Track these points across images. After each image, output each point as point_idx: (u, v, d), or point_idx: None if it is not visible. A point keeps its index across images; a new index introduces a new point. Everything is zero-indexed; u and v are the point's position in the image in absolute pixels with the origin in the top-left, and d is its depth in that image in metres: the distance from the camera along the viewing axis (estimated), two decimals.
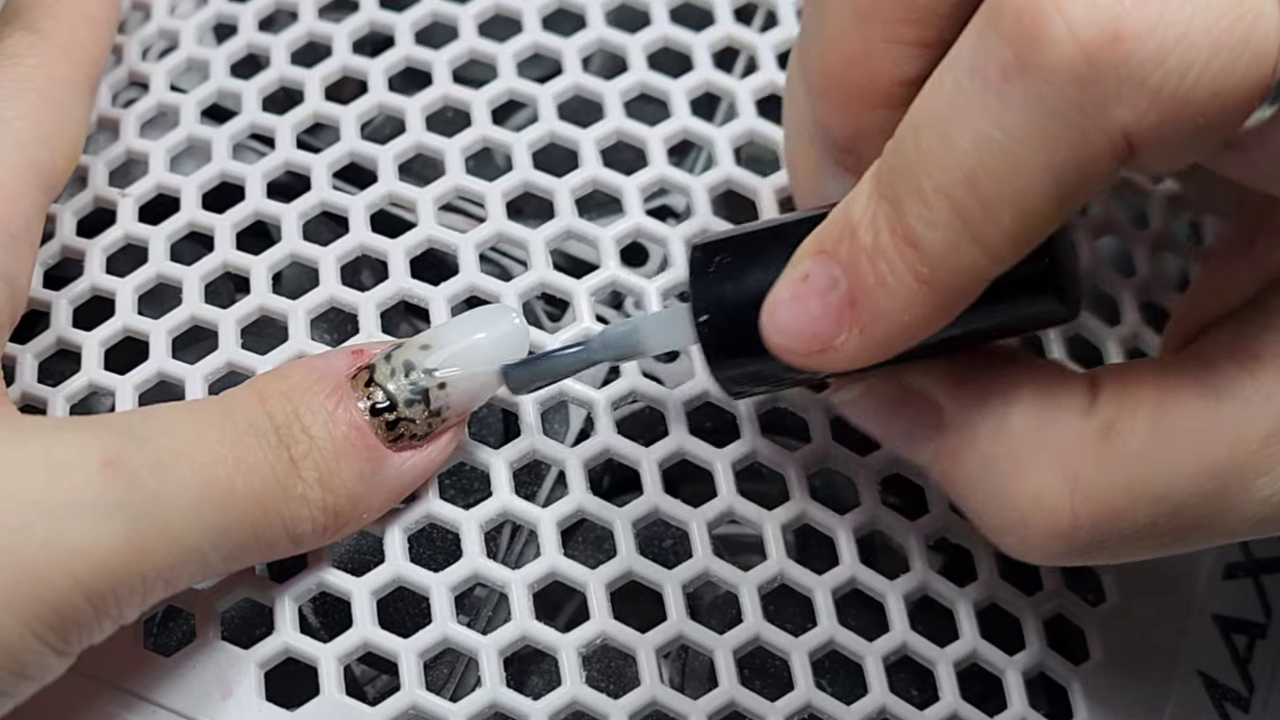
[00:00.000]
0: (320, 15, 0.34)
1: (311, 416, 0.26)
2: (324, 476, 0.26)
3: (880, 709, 0.27)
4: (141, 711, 0.27)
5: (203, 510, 0.24)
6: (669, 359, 0.31)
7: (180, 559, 0.24)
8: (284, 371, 0.26)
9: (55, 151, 0.29)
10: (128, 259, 0.31)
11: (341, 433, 0.26)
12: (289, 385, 0.26)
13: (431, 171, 0.32)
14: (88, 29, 0.31)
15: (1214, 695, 0.30)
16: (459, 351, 0.27)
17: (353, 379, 0.26)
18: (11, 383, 0.30)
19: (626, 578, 0.28)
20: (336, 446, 0.26)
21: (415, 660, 0.27)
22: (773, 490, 0.29)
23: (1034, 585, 0.29)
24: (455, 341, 0.27)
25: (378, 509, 0.27)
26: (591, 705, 0.27)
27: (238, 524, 0.25)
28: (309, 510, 0.25)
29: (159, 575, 0.24)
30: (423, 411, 0.26)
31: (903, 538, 0.29)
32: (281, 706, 0.27)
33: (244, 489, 0.25)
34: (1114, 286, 0.32)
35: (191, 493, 0.24)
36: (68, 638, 0.23)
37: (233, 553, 0.25)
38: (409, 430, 0.26)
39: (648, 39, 0.33)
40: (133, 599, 0.24)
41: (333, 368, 0.26)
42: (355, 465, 0.26)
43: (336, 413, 0.26)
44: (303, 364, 0.27)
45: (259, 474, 0.25)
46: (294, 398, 0.26)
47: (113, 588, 0.23)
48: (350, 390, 0.26)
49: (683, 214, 0.33)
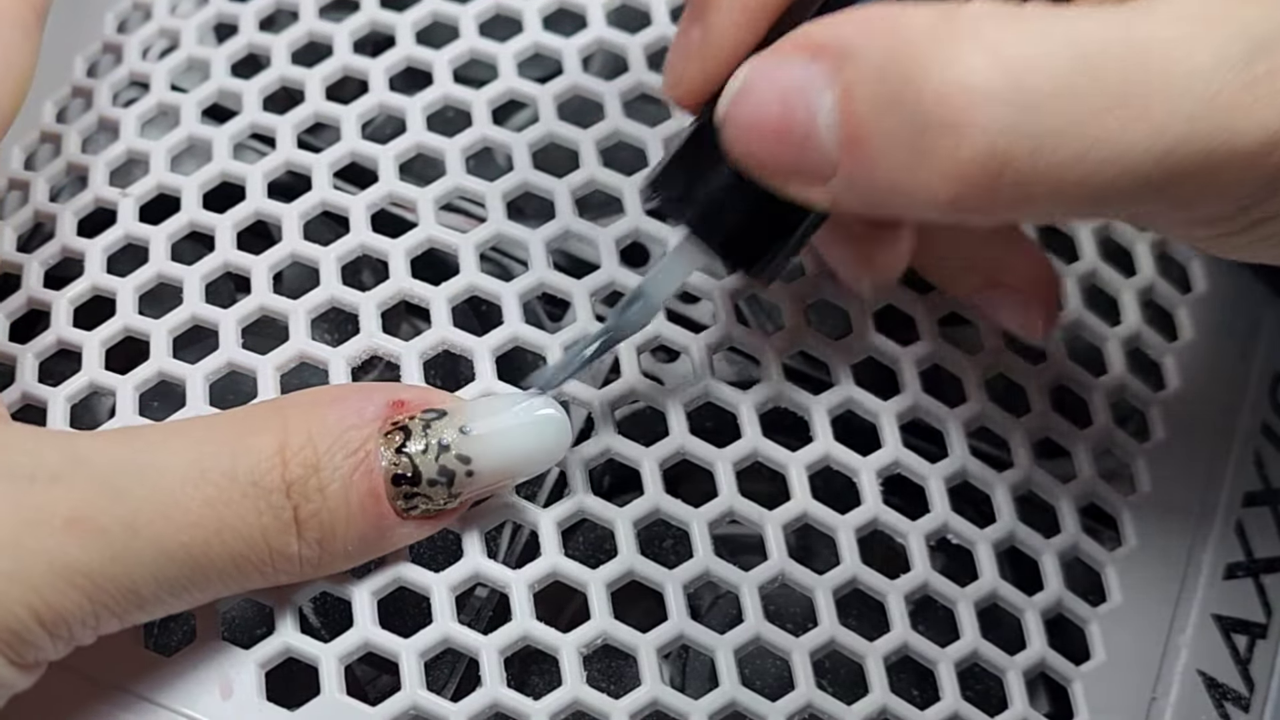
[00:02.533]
0: (321, 15, 0.34)
1: (330, 474, 0.25)
2: (326, 539, 0.25)
3: (880, 709, 0.27)
4: (142, 711, 0.27)
5: (167, 571, 0.24)
6: (669, 359, 0.31)
7: (138, 605, 0.24)
8: (319, 404, 0.25)
9: (1, 91, 0.28)
10: (128, 259, 0.31)
11: (357, 499, 0.25)
12: (321, 428, 0.25)
13: (432, 171, 0.32)
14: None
15: (1214, 695, 0.30)
16: (499, 445, 0.26)
17: (385, 435, 0.25)
18: (12, 383, 0.30)
19: (626, 578, 0.28)
20: (349, 511, 0.25)
21: (416, 660, 0.27)
22: (773, 490, 0.29)
23: (1034, 585, 0.29)
24: (497, 433, 0.26)
25: (360, 562, 0.27)
26: (592, 705, 0.27)
27: (205, 579, 0.25)
28: (297, 566, 0.25)
29: (113, 614, 0.24)
30: (443, 492, 0.26)
31: (903, 538, 0.29)
32: (282, 706, 0.27)
33: (220, 551, 0.24)
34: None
35: (157, 553, 0.24)
36: (25, 657, 0.24)
37: (197, 599, 0.25)
38: (424, 505, 0.26)
39: (648, 39, 0.33)
40: (87, 632, 0.24)
41: (366, 416, 0.25)
42: (360, 530, 0.25)
43: (355, 476, 0.25)
44: (341, 401, 0.26)
45: (244, 537, 0.24)
46: (319, 446, 0.25)
47: (66, 623, 0.24)
48: (378, 448, 0.25)
49: None
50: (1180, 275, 0.34)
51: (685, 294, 0.31)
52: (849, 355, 0.30)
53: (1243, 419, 0.33)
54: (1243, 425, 0.33)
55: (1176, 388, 0.32)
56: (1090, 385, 0.31)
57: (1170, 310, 0.33)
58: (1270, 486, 0.32)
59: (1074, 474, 0.31)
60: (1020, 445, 0.30)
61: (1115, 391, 0.32)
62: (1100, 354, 0.32)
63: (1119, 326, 0.32)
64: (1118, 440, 0.31)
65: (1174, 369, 0.33)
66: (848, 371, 0.30)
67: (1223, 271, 0.34)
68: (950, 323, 0.31)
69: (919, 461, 0.30)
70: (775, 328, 0.30)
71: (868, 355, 0.31)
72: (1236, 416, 0.33)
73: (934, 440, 0.30)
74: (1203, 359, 0.33)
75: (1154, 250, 0.33)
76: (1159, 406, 0.32)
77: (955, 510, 0.29)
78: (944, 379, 0.31)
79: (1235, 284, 0.34)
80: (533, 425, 0.26)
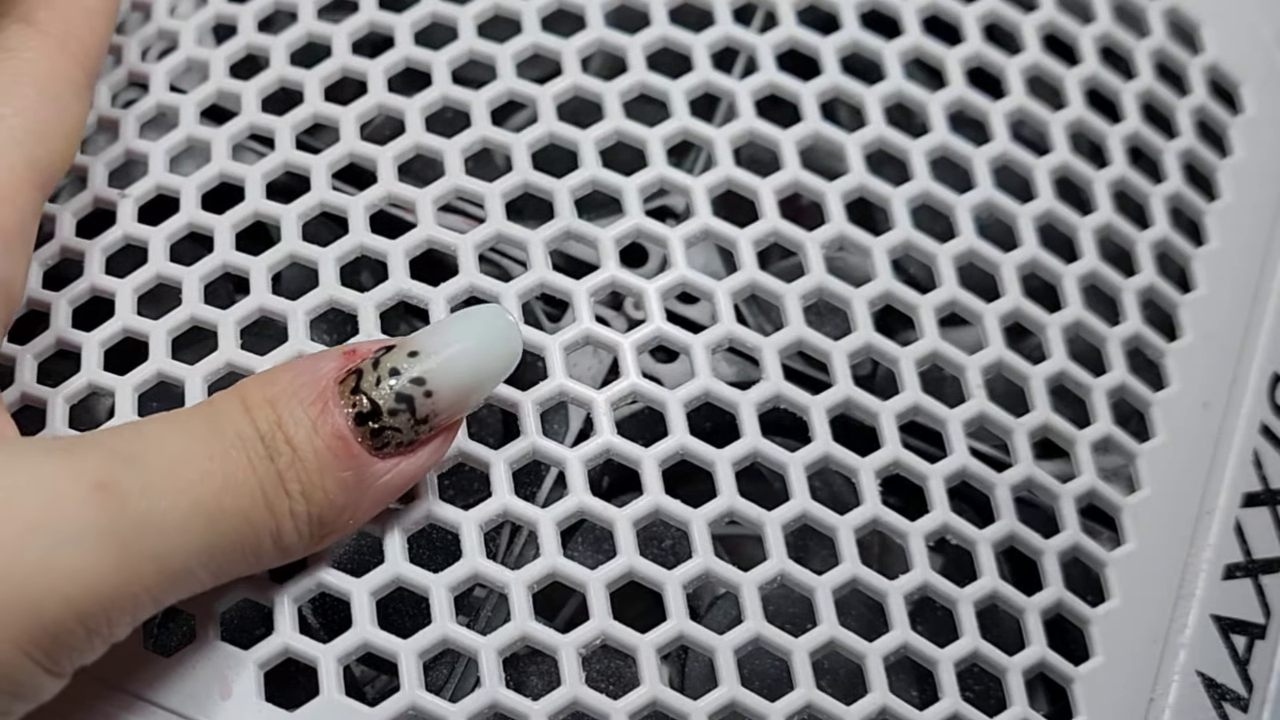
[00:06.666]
0: (320, 16, 0.34)
1: (294, 427, 0.25)
2: (307, 489, 0.25)
3: (880, 709, 0.27)
4: (141, 712, 0.27)
5: (191, 530, 0.24)
6: (669, 359, 0.31)
7: (170, 580, 0.24)
8: (271, 376, 0.26)
9: (52, 149, 0.28)
10: (127, 259, 0.31)
11: (324, 443, 0.25)
12: (274, 391, 0.26)
13: (431, 172, 0.32)
14: (84, 20, 0.30)
15: (1213, 695, 0.30)
16: (447, 358, 0.26)
17: (340, 383, 0.26)
18: (11, 383, 0.30)
19: (626, 578, 0.28)
20: (319, 458, 0.25)
21: (415, 660, 0.27)
22: (773, 490, 0.29)
23: (1034, 585, 0.29)
24: (443, 347, 0.26)
25: (365, 514, 0.26)
26: (591, 705, 0.27)
27: (226, 541, 0.25)
28: (294, 523, 0.25)
29: (149, 595, 0.24)
30: (408, 420, 0.26)
31: (902, 538, 0.29)
32: (281, 707, 0.27)
33: (232, 506, 0.24)
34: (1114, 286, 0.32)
35: (180, 513, 0.24)
36: (59, 659, 0.24)
37: (221, 568, 0.25)
38: (395, 439, 0.26)
39: (647, 39, 0.33)
40: (123, 619, 0.24)
41: (320, 371, 0.26)
42: (338, 476, 0.25)
43: (319, 422, 0.25)
44: (290, 366, 0.26)
45: (247, 490, 0.25)
46: (278, 405, 0.25)
47: (104, 610, 0.23)
48: (336, 396, 0.26)
49: (683, 214, 0.33)
50: (1180, 275, 0.34)
51: (685, 294, 0.31)
52: (849, 355, 0.30)
53: (1242, 419, 0.33)
54: (1242, 425, 0.33)
55: (1176, 388, 0.32)
56: (1090, 385, 0.31)
57: (1170, 310, 0.33)
58: (1270, 487, 0.32)
59: (1074, 474, 0.31)
60: (1020, 445, 0.30)
61: (1115, 391, 0.32)
62: (1100, 354, 0.32)
63: (1119, 326, 0.32)
64: (1118, 440, 0.31)
65: (1174, 368, 0.33)
66: (848, 371, 0.30)
67: (1223, 271, 0.34)
68: (950, 323, 0.31)
69: (918, 462, 0.30)
70: (775, 328, 0.30)
71: (868, 355, 0.31)
72: (1236, 417, 0.33)
73: (934, 440, 0.30)
74: (1202, 359, 0.33)
75: (1154, 250, 0.33)
76: (1159, 406, 0.32)
77: (955, 510, 0.29)
78: (944, 379, 0.31)
79: (1235, 284, 0.34)
80: (481, 333, 0.26)
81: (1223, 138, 0.36)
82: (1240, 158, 0.36)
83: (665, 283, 0.30)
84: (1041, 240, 0.33)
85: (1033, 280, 0.32)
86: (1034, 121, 0.34)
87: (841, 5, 0.34)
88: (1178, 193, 0.34)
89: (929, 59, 0.34)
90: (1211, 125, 0.36)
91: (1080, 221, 0.33)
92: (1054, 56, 0.35)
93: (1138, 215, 0.34)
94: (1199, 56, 0.36)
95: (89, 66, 0.30)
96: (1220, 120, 0.36)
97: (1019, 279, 0.32)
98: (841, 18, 0.34)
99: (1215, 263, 0.34)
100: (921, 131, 0.33)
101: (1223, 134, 0.36)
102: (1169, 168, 0.35)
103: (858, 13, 0.34)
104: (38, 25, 0.30)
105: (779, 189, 0.32)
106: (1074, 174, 0.34)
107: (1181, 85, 0.36)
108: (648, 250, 0.33)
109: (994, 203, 0.33)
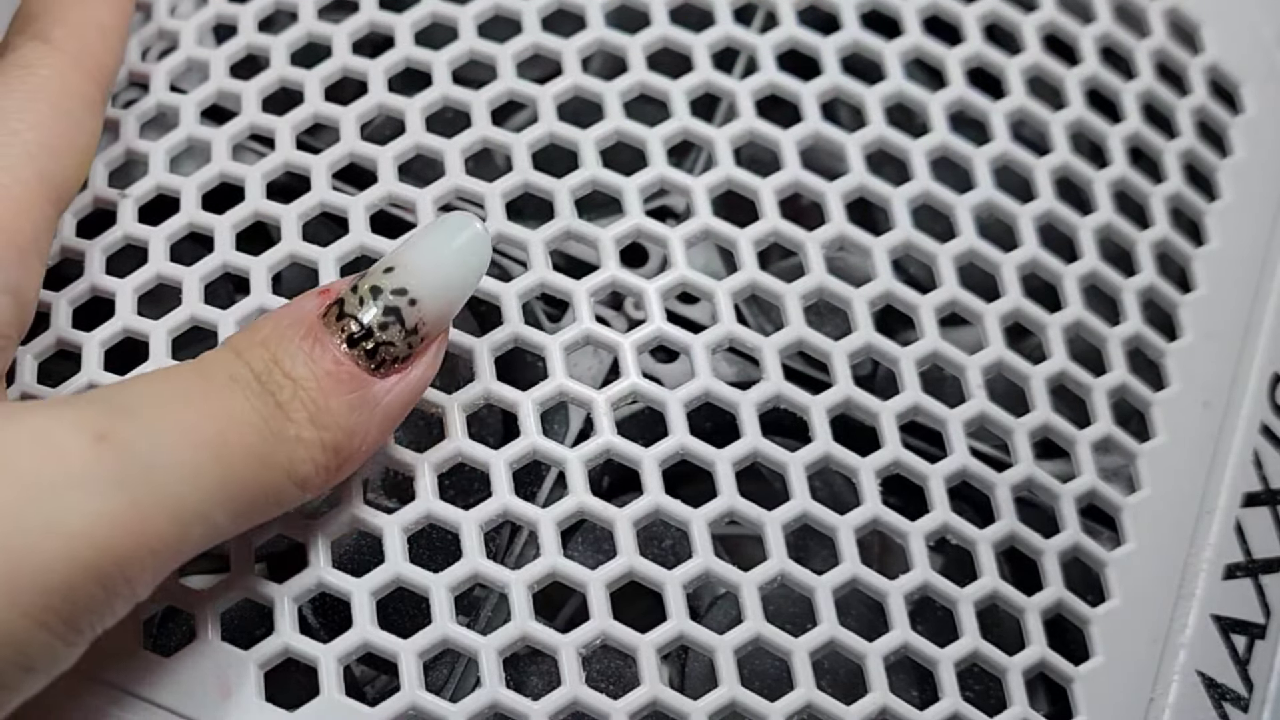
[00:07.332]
0: (320, 16, 0.34)
1: (290, 361, 0.25)
2: (314, 415, 0.25)
3: (880, 709, 0.28)
4: (141, 711, 0.27)
5: (201, 471, 0.24)
6: (669, 359, 0.31)
7: (186, 525, 0.24)
8: (256, 325, 0.26)
9: (65, 164, 0.29)
10: (127, 259, 0.31)
11: (324, 369, 0.26)
12: (262, 336, 0.26)
13: (431, 172, 0.32)
14: (99, 37, 0.31)
15: (1213, 695, 0.30)
16: (424, 266, 0.26)
17: (324, 317, 0.26)
18: (11, 383, 0.30)
19: (626, 578, 0.28)
20: (321, 383, 0.25)
21: (415, 660, 0.27)
22: (773, 490, 0.29)
23: (1034, 585, 0.29)
24: (419, 258, 0.27)
25: (376, 437, 0.26)
26: (591, 705, 0.27)
27: (238, 479, 0.24)
28: (307, 451, 0.25)
29: (167, 546, 0.24)
30: (399, 332, 0.26)
31: (903, 538, 0.29)
32: (281, 707, 0.27)
33: (238, 442, 0.24)
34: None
35: (186, 455, 0.24)
36: (78, 625, 0.23)
37: (239, 510, 0.25)
38: (390, 354, 0.26)
39: (648, 39, 0.33)
40: (143, 576, 0.23)
41: (303, 311, 0.26)
42: (343, 398, 0.26)
43: (314, 352, 0.26)
44: (271, 315, 0.26)
45: (249, 424, 0.25)
46: (270, 345, 0.26)
47: (120, 566, 0.23)
48: (324, 329, 0.26)
49: (683, 214, 0.33)
50: (1180, 275, 0.34)
51: (685, 294, 0.31)
52: (849, 355, 0.30)
53: (1242, 419, 0.33)
54: (1243, 425, 0.33)
55: (1176, 388, 0.32)
56: (1090, 385, 0.32)
57: (1170, 310, 0.33)
58: (1270, 487, 0.32)
59: (1074, 474, 0.31)
60: (1020, 445, 0.30)
61: (1115, 391, 0.32)
62: (1100, 354, 0.32)
63: (1119, 326, 0.32)
64: (1118, 440, 0.31)
65: (1174, 368, 0.33)
66: (848, 371, 0.30)
67: (1223, 271, 0.34)
68: (951, 323, 0.31)
69: (919, 462, 0.30)
70: (775, 328, 0.30)
71: (868, 356, 0.31)
72: (1236, 417, 0.33)
73: (934, 440, 0.30)
74: (1202, 359, 0.33)
75: (1154, 250, 0.33)
76: (1159, 406, 0.32)
77: (956, 511, 0.29)
78: (944, 379, 0.31)
79: (1235, 284, 0.34)
80: (452, 237, 0.27)
81: (1223, 138, 0.36)
82: (1240, 158, 0.36)
83: (665, 283, 0.30)
84: (1042, 240, 0.33)
85: (1033, 280, 0.32)
86: (1034, 122, 0.34)
87: (842, 5, 0.34)
88: (1178, 193, 0.34)
89: (929, 59, 0.34)
90: (1212, 125, 0.36)
91: (1080, 221, 0.33)
92: (1054, 57, 0.35)
93: (1138, 215, 0.34)
94: (1199, 56, 0.36)
95: (103, 83, 0.31)
96: (1220, 120, 0.36)
97: (1019, 279, 0.32)
98: (842, 18, 0.34)
99: (1215, 263, 0.34)
100: (922, 132, 0.33)
101: (1223, 134, 0.36)
102: (1169, 168, 0.35)
103: (858, 13, 0.34)
104: (54, 43, 0.30)
105: (779, 189, 0.32)
106: (1074, 174, 0.34)
107: (1182, 85, 0.36)
108: (648, 250, 0.33)
109: (994, 203, 0.33)
